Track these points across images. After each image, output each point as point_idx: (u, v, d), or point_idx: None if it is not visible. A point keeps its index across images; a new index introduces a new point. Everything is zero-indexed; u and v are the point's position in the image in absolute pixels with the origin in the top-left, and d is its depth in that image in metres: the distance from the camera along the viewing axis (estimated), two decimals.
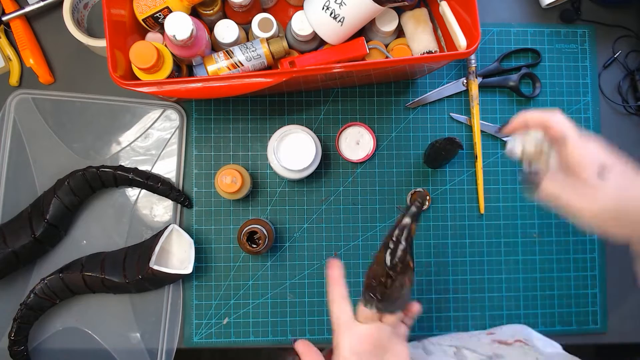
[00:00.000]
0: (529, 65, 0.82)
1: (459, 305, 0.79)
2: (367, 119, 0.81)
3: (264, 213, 0.79)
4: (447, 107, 0.81)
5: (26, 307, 0.70)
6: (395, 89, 0.81)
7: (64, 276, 0.71)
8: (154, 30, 0.69)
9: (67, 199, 0.72)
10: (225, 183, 0.70)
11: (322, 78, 0.70)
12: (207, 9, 0.68)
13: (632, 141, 0.83)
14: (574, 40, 0.84)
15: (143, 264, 0.71)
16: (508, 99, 0.82)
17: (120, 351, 0.75)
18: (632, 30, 0.84)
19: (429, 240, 0.80)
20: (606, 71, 0.84)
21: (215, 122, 0.79)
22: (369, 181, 0.80)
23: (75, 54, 0.79)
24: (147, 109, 0.78)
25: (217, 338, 0.77)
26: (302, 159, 0.71)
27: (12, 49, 0.77)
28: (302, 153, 0.71)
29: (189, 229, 0.78)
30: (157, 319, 0.76)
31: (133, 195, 0.78)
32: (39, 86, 0.78)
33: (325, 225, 0.79)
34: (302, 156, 0.71)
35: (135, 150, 0.78)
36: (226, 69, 0.68)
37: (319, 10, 0.65)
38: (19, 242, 0.70)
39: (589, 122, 0.83)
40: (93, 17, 0.80)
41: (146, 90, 0.60)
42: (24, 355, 0.71)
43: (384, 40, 0.74)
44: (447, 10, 0.67)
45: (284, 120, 0.80)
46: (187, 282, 0.77)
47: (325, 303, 0.78)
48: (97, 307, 0.76)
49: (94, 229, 0.77)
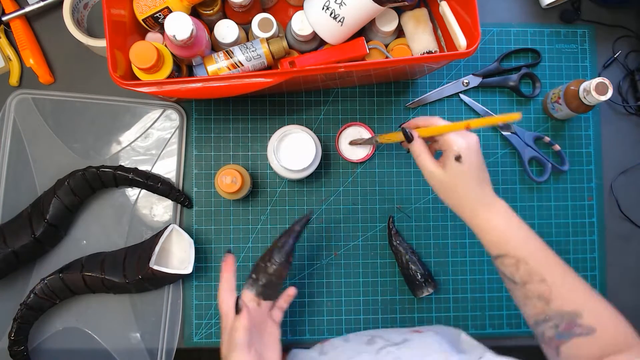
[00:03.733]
0: (528, 65, 0.82)
1: (459, 306, 0.79)
2: (367, 119, 0.81)
3: (264, 213, 0.79)
4: (447, 107, 0.81)
5: (26, 307, 0.70)
6: (395, 89, 0.81)
7: (64, 276, 0.70)
8: (154, 30, 0.69)
9: (67, 199, 0.72)
10: (225, 183, 0.70)
11: (322, 78, 0.70)
12: (207, 9, 0.68)
13: (632, 141, 0.83)
14: (574, 40, 0.84)
15: (143, 264, 0.71)
16: (508, 99, 0.82)
17: (120, 351, 0.75)
18: (632, 30, 0.84)
19: (429, 240, 0.80)
20: (606, 71, 0.84)
21: (215, 122, 0.79)
22: (369, 181, 0.80)
23: (75, 54, 0.79)
24: (147, 109, 0.78)
25: (217, 338, 0.77)
26: (302, 159, 0.71)
27: (12, 49, 0.77)
28: (302, 153, 0.71)
29: (189, 229, 0.78)
30: (157, 319, 0.76)
31: (133, 195, 0.78)
32: (39, 86, 0.78)
33: (325, 225, 0.79)
34: (302, 156, 0.71)
35: (135, 150, 0.78)
36: (226, 69, 0.68)
37: (319, 10, 0.65)
38: (19, 242, 0.70)
39: (589, 122, 0.83)
40: (93, 17, 0.80)
41: (146, 90, 0.60)
42: (24, 355, 0.71)
43: (384, 40, 0.74)
44: (447, 10, 0.67)
45: (284, 120, 0.80)
46: (187, 282, 0.77)
47: (325, 303, 0.78)
48: (97, 307, 0.76)
49: (94, 229, 0.77)
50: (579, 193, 0.82)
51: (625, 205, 0.82)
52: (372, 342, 0.63)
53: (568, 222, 0.81)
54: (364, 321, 0.78)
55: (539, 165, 0.82)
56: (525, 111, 0.82)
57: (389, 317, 0.78)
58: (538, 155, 0.80)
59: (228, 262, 0.63)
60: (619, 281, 0.81)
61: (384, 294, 0.79)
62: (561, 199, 0.81)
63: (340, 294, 0.79)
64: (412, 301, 0.79)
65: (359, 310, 0.78)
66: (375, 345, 0.61)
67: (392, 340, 0.62)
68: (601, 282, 0.81)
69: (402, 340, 0.61)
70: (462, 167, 0.55)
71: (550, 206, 0.81)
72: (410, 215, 0.80)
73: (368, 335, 0.65)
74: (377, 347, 0.61)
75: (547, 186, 0.81)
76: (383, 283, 0.79)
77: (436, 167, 0.56)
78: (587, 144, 0.82)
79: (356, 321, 0.78)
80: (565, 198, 0.81)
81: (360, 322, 0.78)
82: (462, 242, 0.80)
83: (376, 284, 0.79)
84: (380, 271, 0.79)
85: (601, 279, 0.81)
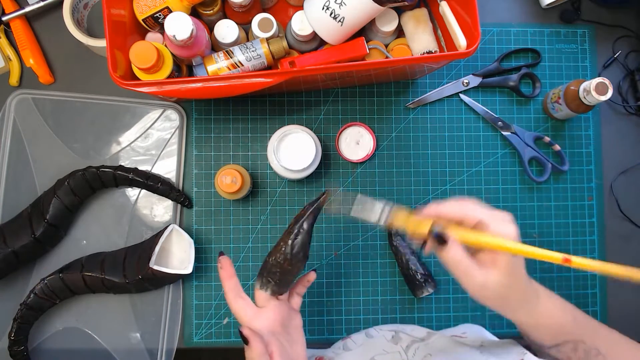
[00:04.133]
0: (528, 65, 0.82)
1: (459, 306, 0.79)
2: (367, 119, 0.81)
3: (264, 213, 0.79)
4: (447, 107, 0.81)
5: (26, 307, 0.70)
6: (395, 89, 0.81)
7: (64, 276, 0.70)
8: (154, 30, 0.69)
9: (67, 199, 0.72)
10: (225, 183, 0.70)
11: (322, 78, 0.70)
12: (207, 9, 0.68)
13: (632, 141, 0.83)
14: (574, 40, 0.84)
15: (143, 264, 0.71)
16: (508, 99, 0.82)
17: (120, 351, 0.75)
18: (632, 30, 0.84)
19: None
20: (606, 71, 0.84)
21: (215, 122, 0.79)
22: (369, 181, 0.80)
23: (75, 54, 0.79)
24: (147, 109, 0.78)
25: (217, 338, 0.77)
26: (302, 159, 0.71)
27: (12, 49, 0.77)
28: (302, 153, 0.71)
29: (189, 229, 0.78)
30: (157, 319, 0.76)
31: (133, 195, 0.78)
32: (39, 86, 0.78)
33: (325, 225, 0.79)
34: (302, 156, 0.71)
35: (135, 150, 0.78)
36: (226, 69, 0.68)
37: (319, 10, 0.65)
38: (19, 242, 0.70)
39: (589, 122, 0.83)
40: (93, 17, 0.80)
41: (146, 90, 0.60)
42: (24, 355, 0.71)
43: (384, 40, 0.74)
44: (447, 10, 0.67)
45: (284, 120, 0.80)
46: (187, 282, 0.77)
47: (325, 303, 0.78)
48: (97, 307, 0.76)
49: (94, 229, 0.77)
50: (579, 193, 0.82)
51: (625, 205, 0.82)
52: (397, 338, 0.61)
53: (568, 222, 0.81)
54: (364, 321, 0.78)
55: (539, 165, 0.82)
56: (525, 111, 0.82)
57: (389, 317, 0.78)
58: (538, 155, 0.80)
59: (226, 267, 0.55)
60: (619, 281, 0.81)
61: (384, 294, 0.79)
62: (561, 199, 0.81)
63: (340, 294, 0.79)
64: (412, 301, 0.79)
65: (359, 310, 0.78)
66: (402, 343, 0.59)
67: (416, 335, 0.60)
68: (601, 282, 0.81)
69: (425, 335, 0.60)
70: (518, 258, 0.47)
71: (550, 206, 0.81)
72: None
73: (391, 330, 0.64)
74: (404, 345, 0.59)
75: (547, 186, 0.81)
76: (383, 283, 0.79)
77: (487, 272, 0.46)
78: (587, 144, 0.82)
79: (356, 321, 0.78)
80: (565, 198, 0.81)
81: (360, 322, 0.78)
82: None
83: (376, 284, 0.79)
84: (380, 271, 0.79)
85: (601, 279, 0.81)
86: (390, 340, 0.62)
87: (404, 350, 0.58)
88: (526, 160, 0.80)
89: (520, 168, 0.81)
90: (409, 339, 0.60)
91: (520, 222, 0.81)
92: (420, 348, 0.57)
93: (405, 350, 0.58)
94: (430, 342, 0.58)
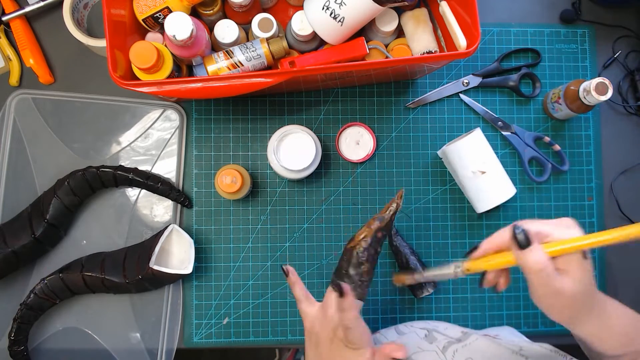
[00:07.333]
0: (529, 65, 0.82)
1: (459, 306, 0.79)
2: (367, 119, 0.81)
3: (264, 213, 0.79)
4: (447, 107, 0.81)
5: (26, 307, 0.70)
6: (395, 89, 0.81)
7: (64, 276, 0.71)
8: (154, 30, 0.69)
9: (67, 199, 0.72)
10: (225, 183, 0.70)
11: (322, 78, 0.70)
12: (207, 9, 0.68)
13: (632, 141, 0.83)
14: (574, 40, 0.84)
15: (143, 264, 0.71)
16: (508, 99, 0.82)
17: (120, 351, 0.75)
18: (632, 30, 0.84)
19: (429, 240, 0.80)
20: (606, 71, 0.84)
21: (215, 122, 0.79)
22: (369, 181, 0.80)
23: (75, 54, 0.79)
24: (147, 109, 0.78)
25: (217, 338, 0.77)
26: (302, 159, 0.71)
27: (12, 49, 0.77)
28: (302, 153, 0.71)
29: (189, 229, 0.78)
30: (157, 319, 0.76)
31: (133, 195, 0.78)
32: (39, 86, 0.78)
33: (325, 225, 0.79)
34: (302, 156, 0.71)
35: (135, 150, 0.78)
36: (226, 69, 0.68)
37: (319, 10, 0.65)
38: (19, 242, 0.70)
39: (589, 122, 0.83)
40: (93, 17, 0.80)
41: (146, 90, 0.60)
42: (24, 355, 0.71)
43: (384, 40, 0.74)
44: (447, 10, 0.67)
45: (284, 120, 0.80)
46: (187, 282, 0.77)
47: None
48: (97, 307, 0.76)
49: (94, 229, 0.77)
50: (579, 193, 0.82)
51: (625, 205, 0.82)
52: (431, 337, 0.60)
53: None
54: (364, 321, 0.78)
55: (539, 165, 0.82)
56: (525, 111, 0.82)
57: (389, 317, 0.78)
58: (538, 155, 0.80)
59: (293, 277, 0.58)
60: (619, 281, 0.81)
61: (384, 294, 0.79)
62: (561, 199, 0.81)
63: None
64: (412, 301, 0.79)
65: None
66: (437, 343, 0.58)
67: (451, 335, 0.59)
68: (601, 282, 0.81)
69: (461, 335, 0.59)
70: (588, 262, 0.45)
71: (550, 206, 0.81)
72: (410, 215, 0.80)
73: (423, 329, 0.63)
74: (442, 345, 0.58)
75: (547, 186, 0.81)
76: (383, 283, 0.79)
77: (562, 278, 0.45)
78: (587, 144, 0.82)
79: None
80: (565, 198, 0.81)
81: None
82: (462, 242, 0.80)
83: (376, 284, 0.79)
84: (380, 271, 0.79)
85: (601, 279, 0.81)
86: (424, 339, 0.61)
87: (441, 351, 0.56)
88: (526, 160, 0.80)
89: (520, 168, 0.81)
90: (444, 339, 0.59)
91: None
92: (459, 350, 0.55)
93: (442, 350, 0.56)
94: (468, 343, 0.56)
